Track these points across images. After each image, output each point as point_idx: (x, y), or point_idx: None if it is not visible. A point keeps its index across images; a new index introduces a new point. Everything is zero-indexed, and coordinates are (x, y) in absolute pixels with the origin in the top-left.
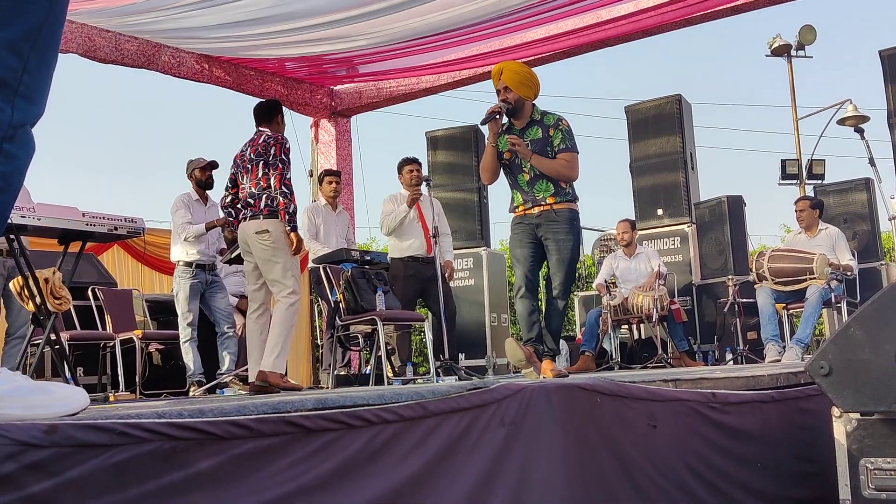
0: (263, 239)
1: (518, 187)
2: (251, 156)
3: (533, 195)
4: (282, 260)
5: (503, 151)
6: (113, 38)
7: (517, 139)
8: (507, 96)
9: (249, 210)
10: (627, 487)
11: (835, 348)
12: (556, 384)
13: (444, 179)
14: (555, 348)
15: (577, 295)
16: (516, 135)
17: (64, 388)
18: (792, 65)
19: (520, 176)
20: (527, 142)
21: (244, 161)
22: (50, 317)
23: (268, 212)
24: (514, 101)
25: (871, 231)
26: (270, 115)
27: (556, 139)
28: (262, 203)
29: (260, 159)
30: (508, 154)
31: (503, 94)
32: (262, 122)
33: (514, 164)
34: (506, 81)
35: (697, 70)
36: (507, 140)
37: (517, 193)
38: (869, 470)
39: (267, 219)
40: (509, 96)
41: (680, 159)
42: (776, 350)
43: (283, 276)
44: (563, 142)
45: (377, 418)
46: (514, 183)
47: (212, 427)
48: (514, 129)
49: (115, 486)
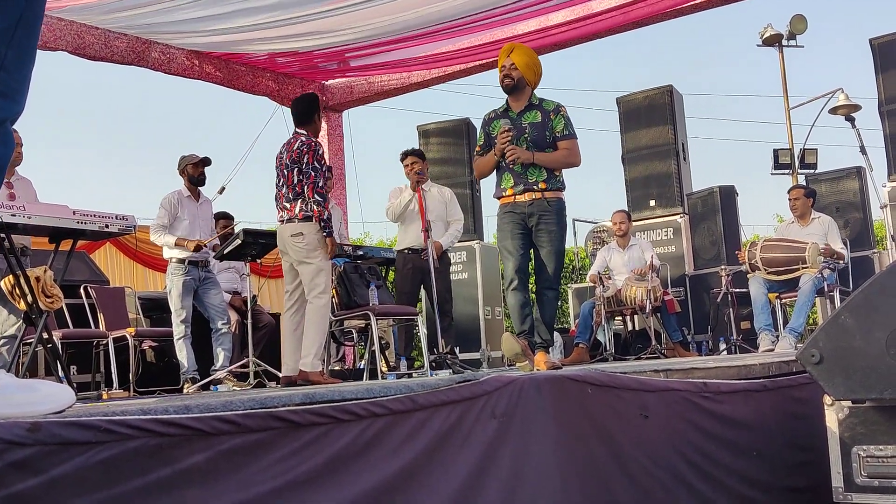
0: (297, 241)
1: (510, 170)
2: (287, 161)
3: (525, 178)
4: (315, 262)
5: (498, 134)
6: (102, 35)
7: (517, 150)
8: (511, 73)
9: (286, 213)
10: (620, 477)
11: (825, 336)
12: (547, 376)
13: (437, 173)
14: (548, 339)
15: (571, 287)
16: (513, 118)
17: (49, 386)
18: (783, 54)
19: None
20: (525, 125)
21: (281, 165)
22: (42, 315)
23: (302, 216)
24: (518, 79)
25: (863, 219)
26: (308, 117)
27: (559, 125)
28: (296, 208)
29: (295, 166)
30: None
31: (508, 70)
32: (300, 125)
33: None
34: (514, 59)
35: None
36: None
37: (508, 175)
38: (861, 457)
39: (301, 223)
40: (514, 73)
41: (672, 150)
42: (769, 339)
43: (315, 277)
44: (565, 128)
45: (366, 412)
46: (506, 165)
47: (198, 423)
48: (512, 112)
49: (100, 483)
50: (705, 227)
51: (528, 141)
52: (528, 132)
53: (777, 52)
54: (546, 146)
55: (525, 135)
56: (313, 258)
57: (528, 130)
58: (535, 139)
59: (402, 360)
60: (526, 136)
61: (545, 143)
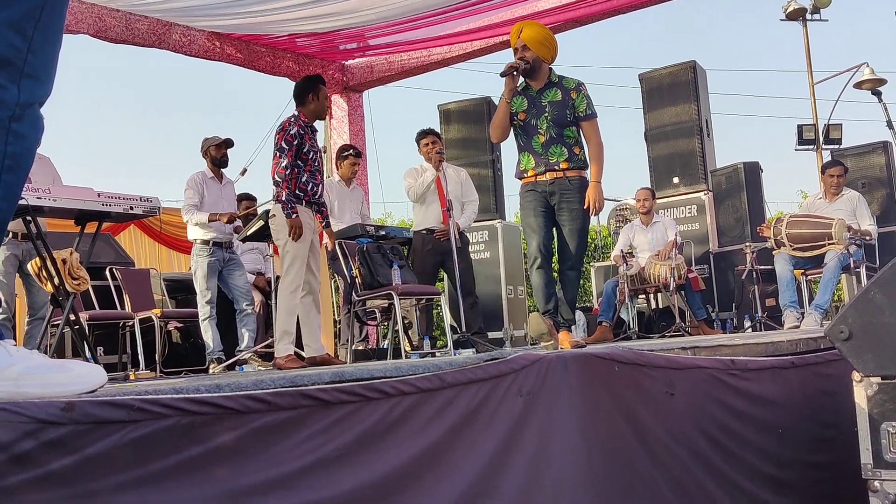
0: (272, 223)
1: (531, 149)
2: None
3: (546, 158)
4: (281, 244)
5: (517, 112)
6: (123, 17)
7: (598, 203)
8: (524, 54)
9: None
10: (643, 456)
11: (855, 312)
12: (574, 353)
13: (458, 153)
14: (571, 318)
15: (594, 265)
16: (533, 96)
17: (82, 366)
18: (807, 29)
19: (535, 138)
20: (545, 104)
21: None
22: (68, 297)
23: (276, 198)
24: (532, 59)
25: (889, 194)
26: (301, 98)
27: (581, 105)
28: (274, 190)
29: (274, 147)
30: (523, 115)
31: (521, 52)
32: (296, 105)
33: (530, 125)
34: (525, 40)
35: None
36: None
37: (528, 156)
38: (890, 434)
39: (275, 203)
40: (527, 55)
41: (695, 126)
42: (795, 316)
43: (284, 259)
44: (588, 107)
45: (394, 390)
46: (526, 145)
47: (229, 402)
48: (531, 90)
49: (134, 461)
50: (729, 203)
51: (548, 120)
52: (549, 111)
53: (801, 27)
54: (567, 125)
55: (545, 114)
56: (281, 240)
57: (549, 109)
58: (555, 118)
59: (426, 340)
60: (546, 115)
61: (566, 122)
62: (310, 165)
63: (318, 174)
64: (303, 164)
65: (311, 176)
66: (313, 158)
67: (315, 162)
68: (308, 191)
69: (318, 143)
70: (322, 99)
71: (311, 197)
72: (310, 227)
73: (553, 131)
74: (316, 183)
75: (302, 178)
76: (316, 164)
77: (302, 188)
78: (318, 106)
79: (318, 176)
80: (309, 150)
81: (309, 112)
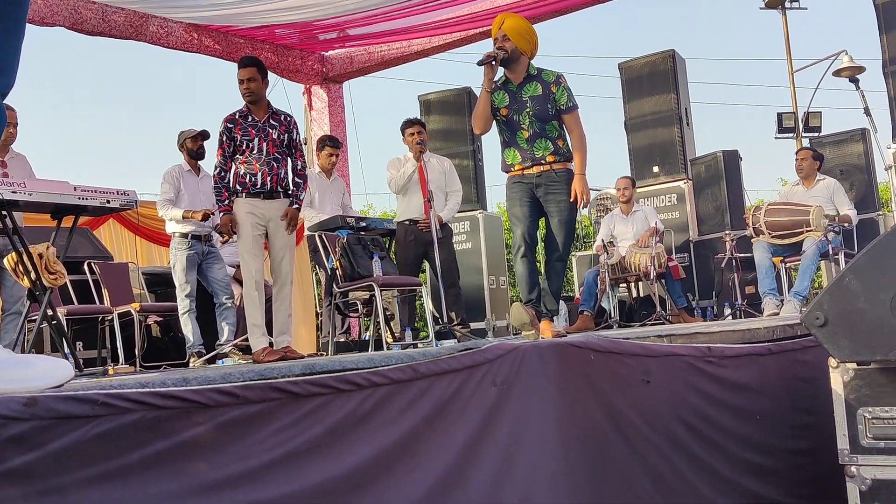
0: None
1: (516, 145)
2: None
3: (532, 153)
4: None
5: (499, 108)
6: (100, 9)
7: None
8: (504, 44)
9: None
10: (619, 443)
11: (830, 299)
12: (550, 343)
13: (439, 144)
14: (554, 309)
15: (575, 255)
16: (513, 90)
17: (47, 361)
18: (786, 17)
19: (518, 133)
20: (526, 98)
21: None
22: (45, 292)
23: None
24: (511, 49)
25: (868, 181)
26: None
27: (562, 98)
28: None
29: None
30: (505, 111)
31: (500, 41)
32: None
33: (512, 120)
34: (506, 30)
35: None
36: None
37: (514, 151)
38: (867, 419)
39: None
40: (506, 45)
41: (675, 116)
42: (774, 303)
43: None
44: (569, 99)
45: (367, 382)
46: (510, 140)
47: (196, 395)
48: (511, 84)
49: (99, 456)
50: (709, 192)
51: (530, 115)
52: (530, 106)
53: (780, 15)
54: (549, 119)
55: (527, 109)
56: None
57: (530, 104)
58: (537, 113)
59: (408, 331)
60: (528, 111)
61: (548, 116)
62: (246, 155)
63: (255, 162)
64: (240, 156)
65: (248, 166)
66: (250, 147)
67: (254, 150)
68: (247, 182)
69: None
70: (238, 84)
71: (252, 188)
72: (254, 218)
73: (536, 126)
74: (254, 173)
75: (240, 171)
76: (256, 153)
77: (241, 181)
78: (242, 89)
79: (255, 164)
80: (242, 141)
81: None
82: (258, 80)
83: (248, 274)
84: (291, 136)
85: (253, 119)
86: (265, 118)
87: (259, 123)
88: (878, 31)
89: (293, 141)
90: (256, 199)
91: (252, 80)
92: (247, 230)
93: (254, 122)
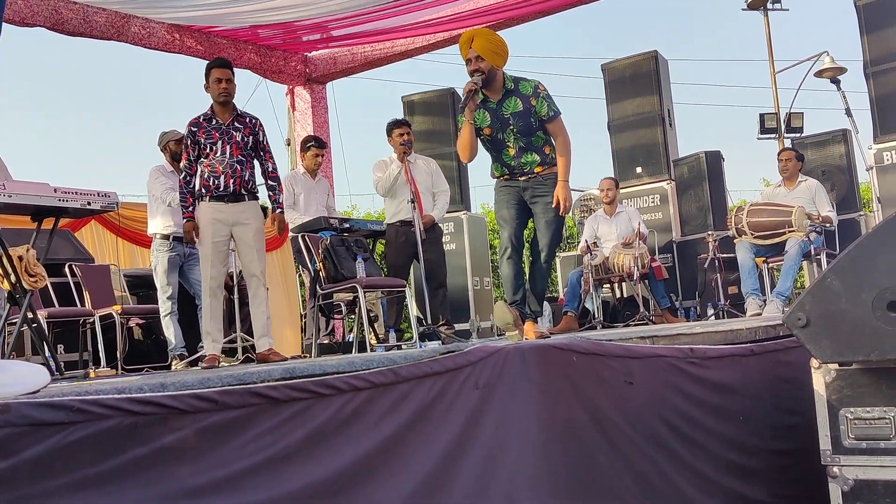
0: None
1: (502, 161)
2: None
3: (521, 168)
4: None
5: (482, 127)
6: (81, 10)
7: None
8: (479, 66)
9: None
10: (603, 445)
11: (812, 299)
12: (532, 345)
13: (422, 144)
14: (538, 310)
15: (560, 256)
16: (493, 108)
17: (22, 367)
18: (768, 18)
19: (504, 151)
20: (508, 116)
21: None
22: (26, 295)
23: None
24: (487, 70)
25: (849, 182)
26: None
27: (542, 108)
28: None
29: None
30: (489, 130)
31: (475, 63)
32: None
33: (497, 139)
34: (477, 49)
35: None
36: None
37: (501, 166)
38: (849, 420)
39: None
40: (482, 65)
41: (658, 116)
42: (757, 304)
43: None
44: (549, 109)
45: (347, 386)
46: (497, 157)
47: (174, 401)
48: (490, 101)
49: (74, 463)
50: (692, 193)
51: (514, 133)
52: (513, 123)
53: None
54: (534, 132)
55: (510, 127)
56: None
57: (513, 122)
58: (521, 129)
59: (392, 333)
60: (511, 129)
61: (532, 130)
62: (210, 158)
63: (218, 165)
64: (204, 159)
65: (211, 169)
66: (213, 150)
67: (217, 153)
68: (210, 185)
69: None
70: (213, 82)
71: (216, 191)
72: (217, 222)
73: (522, 142)
74: (217, 175)
75: (203, 174)
76: (219, 155)
77: (205, 184)
78: (211, 91)
79: (218, 167)
80: (205, 144)
81: (212, 101)
82: (233, 82)
83: (205, 281)
84: (258, 138)
85: (217, 122)
86: (230, 121)
87: (223, 126)
88: (860, 32)
89: (260, 143)
90: (220, 203)
91: (230, 81)
92: (207, 236)
93: (217, 125)
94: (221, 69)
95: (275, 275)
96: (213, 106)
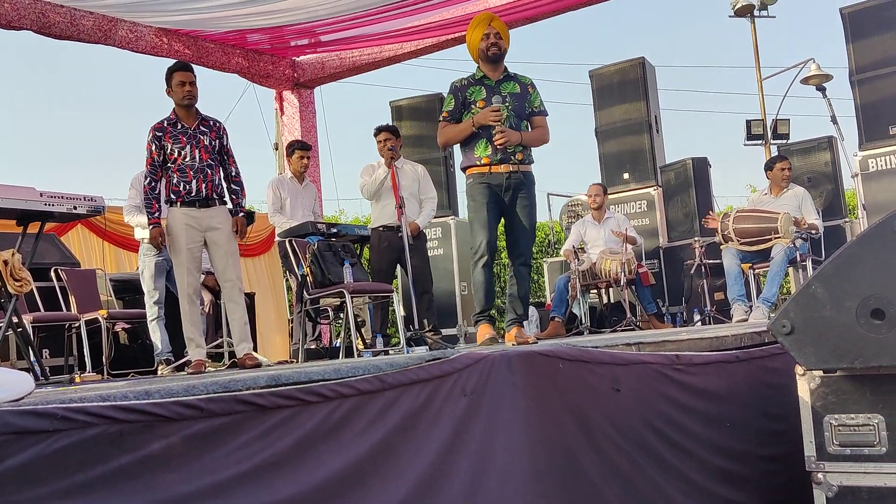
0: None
1: (489, 137)
2: None
3: (504, 148)
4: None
5: (475, 101)
6: (68, 13)
7: (508, 133)
8: (499, 42)
9: None
10: (590, 452)
11: (796, 306)
12: (519, 351)
13: (410, 150)
14: (524, 314)
15: (546, 261)
16: (492, 86)
17: (6, 373)
18: (755, 25)
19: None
20: (505, 94)
21: None
22: (11, 299)
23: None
24: (503, 49)
25: (834, 189)
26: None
27: (536, 101)
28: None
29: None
30: (482, 103)
31: (494, 38)
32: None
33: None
34: (497, 28)
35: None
36: (500, 136)
37: (486, 144)
38: (833, 426)
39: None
40: (500, 43)
41: (645, 123)
42: (743, 310)
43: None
44: (542, 103)
45: (334, 393)
46: (484, 132)
47: (159, 409)
48: (489, 80)
49: (58, 472)
50: (679, 199)
51: (508, 109)
52: (510, 101)
53: (749, 23)
54: (524, 117)
55: (506, 103)
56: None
57: (510, 99)
58: (515, 109)
59: (379, 338)
60: (507, 105)
61: (524, 114)
62: (178, 164)
63: (189, 170)
64: (172, 165)
65: (181, 175)
66: (182, 155)
67: (186, 158)
68: (181, 191)
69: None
70: (175, 86)
71: (187, 196)
72: (190, 228)
73: (513, 120)
74: (188, 181)
75: (173, 180)
76: (189, 160)
77: (174, 189)
78: (174, 95)
79: (189, 172)
80: (173, 149)
81: (175, 105)
82: (196, 85)
83: (182, 288)
84: (222, 142)
85: (183, 126)
86: (195, 125)
87: (189, 130)
88: (845, 40)
89: (224, 147)
90: (192, 208)
91: (193, 84)
92: (181, 244)
93: (184, 130)
94: (184, 72)
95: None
96: (175, 110)
